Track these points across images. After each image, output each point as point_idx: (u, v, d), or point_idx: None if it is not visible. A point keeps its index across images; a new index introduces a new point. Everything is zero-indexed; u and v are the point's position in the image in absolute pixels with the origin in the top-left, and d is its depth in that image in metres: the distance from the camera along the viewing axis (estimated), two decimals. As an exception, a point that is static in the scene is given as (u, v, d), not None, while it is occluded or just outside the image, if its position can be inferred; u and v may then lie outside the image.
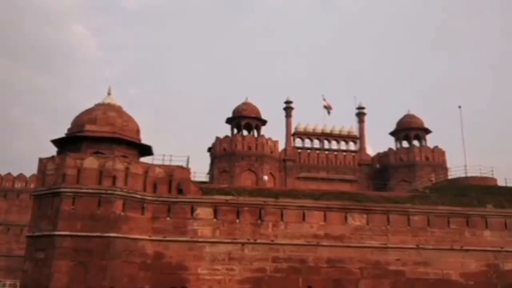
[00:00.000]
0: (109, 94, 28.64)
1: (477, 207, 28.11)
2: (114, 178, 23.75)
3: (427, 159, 46.34)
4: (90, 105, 27.95)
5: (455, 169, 37.79)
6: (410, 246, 26.33)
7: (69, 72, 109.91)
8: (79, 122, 26.82)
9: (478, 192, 29.72)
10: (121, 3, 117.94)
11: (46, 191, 23.76)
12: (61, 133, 26.84)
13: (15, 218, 45.86)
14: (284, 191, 29.31)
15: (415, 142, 48.64)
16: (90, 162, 23.86)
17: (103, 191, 23.35)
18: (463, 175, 34.73)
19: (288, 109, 49.47)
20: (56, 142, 26.79)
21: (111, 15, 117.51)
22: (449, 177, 39.92)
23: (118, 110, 27.88)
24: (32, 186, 42.30)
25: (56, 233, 22.48)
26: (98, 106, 27.73)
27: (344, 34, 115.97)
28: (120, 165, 24.13)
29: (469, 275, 26.43)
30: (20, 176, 49.11)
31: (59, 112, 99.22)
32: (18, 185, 48.65)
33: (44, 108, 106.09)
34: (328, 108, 50.02)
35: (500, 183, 33.49)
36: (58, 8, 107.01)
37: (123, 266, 22.90)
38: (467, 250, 26.76)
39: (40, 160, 25.04)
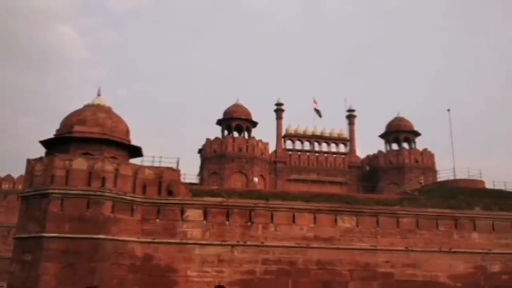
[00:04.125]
0: (98, 95, 28.44)
1: (465, 209, 28.37)
2: (103, 179, 23.57)
3: (417, 161, 46.66)
4: (78, 106, 27.76)
5: (444, 172, 38.18)
6: (399, 248, 26.48)
7: (57, 73, 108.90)
8: (68, 123, 26.60)
9: (466, 195, 30.02)
10: (108, 4, 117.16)
11: (34, 192, 23.51)
12: (49, 134, 26.62)
13: (2, 219, 45.26)
14: (274, 193, 29.33)
15: (405, 145, 48.95)
16: (79, 163, 23.67)
17: (92, 193, 23.17)
18: (451, 177, 35.09)
19: (278, 111, 49.52)
20: (44, 143, 26.55)
21: (99, 16, 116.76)
22: (438, 180, 40.30)
23: (108, 111, 27.71)
24: (20, 187, 41.86)
25: (44, 234, 22.25)
26: (87, 107, 27.53)
27: (333, 36, 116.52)
28: (109, 166, 23.97)
29: (457, 277, 26.66)
30: (8, 177, 48.62)
31: (47, 113, 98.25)
32: (5, 186, 48.13)
33: (32, 109, 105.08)
34: (318, 112, 50.04)
35: (488, 185, 33.85)
36: (45, 8, 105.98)
37: (112, 268, 22.73)
38: (455, 252, 26.98)
39: (28, 161, 24.79)
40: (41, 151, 26.89)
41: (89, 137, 25.78)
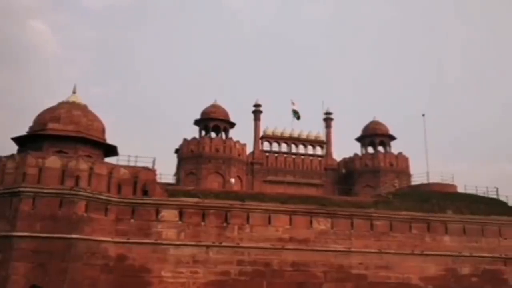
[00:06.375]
0: (74, 92, 28.07)
1: (438, 213, 28.97)
2: (77, 178, 23.22)
3: (391, 165, 47.21)
4: (50, 104, 27.36)
5: (418, 175, 38.70)
6: (373, 250, 26.85)
7: (29, 70, 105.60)
8: (41, 120, 26.14)
9: (438, 198, 30.60)
10: (82, 2, 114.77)
11: (4, 191, 22.98)
12: (21, 131, 26.10)
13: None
14: (250, 194, 29.38)
15: (380, 148, 49.54)
16: (52, 162, 23.25)
17: (65, 192, 22.79)
18: (425, 181, 35.61)
19: (256, 112, 49.50)
20: (17, 140, 26.03)
21: (72, 13, 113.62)
22: (412, 183, 40.86)
23: (83, 109, 27.34)
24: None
25: (15, 234, 21.79)
26: (62, 104, 27.11)
27: (312, 38, 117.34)
28: (83, 165, 23.62)
29: (429, 279, 27.18)
30: (-22, 174, 47.34)
31: (18, 111, 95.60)
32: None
33: (2, 106, 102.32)
34: (296, 113, 50.24)
35: (460, 189, 34.49)
36: (15, 2, 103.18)
37: (84, 268, 22.40)
38: (427, 255, 27.51)
39: (-1, 158, 24.22)
40: (13, 148, 26.34)
41: (64, 135, 25.41)
